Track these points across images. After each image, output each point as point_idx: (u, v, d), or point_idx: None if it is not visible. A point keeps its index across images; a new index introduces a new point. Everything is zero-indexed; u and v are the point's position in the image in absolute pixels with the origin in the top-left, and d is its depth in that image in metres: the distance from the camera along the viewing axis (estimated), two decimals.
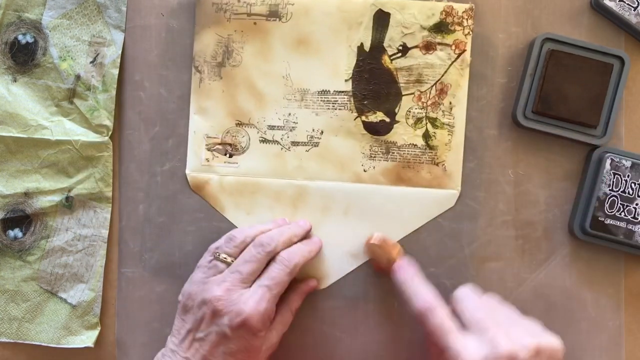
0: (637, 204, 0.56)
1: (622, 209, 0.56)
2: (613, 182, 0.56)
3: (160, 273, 0.60)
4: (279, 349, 0.57)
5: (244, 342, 0.51)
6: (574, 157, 0.58)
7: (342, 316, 0.59)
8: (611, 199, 0.56)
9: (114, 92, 0.59)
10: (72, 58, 0.59)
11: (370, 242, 0.57)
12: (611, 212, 0.56)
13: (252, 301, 0.51)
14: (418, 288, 0.52)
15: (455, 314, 0.51)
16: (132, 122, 0.60)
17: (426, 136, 0.59)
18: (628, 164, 0.56)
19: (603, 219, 0.56)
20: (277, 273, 0.52)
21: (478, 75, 0.59)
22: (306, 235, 0.58)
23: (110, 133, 0.59)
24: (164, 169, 0.60)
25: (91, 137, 0.59)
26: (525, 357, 0.46)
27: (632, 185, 0.56)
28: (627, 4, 0.57)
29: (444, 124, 0.58)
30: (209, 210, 0.60)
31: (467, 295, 0.52)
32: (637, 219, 0.56)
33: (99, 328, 0.60)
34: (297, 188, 0.59)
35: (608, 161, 0.56)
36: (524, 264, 0.58)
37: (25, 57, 0.59)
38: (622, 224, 0.56)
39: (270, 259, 0.53)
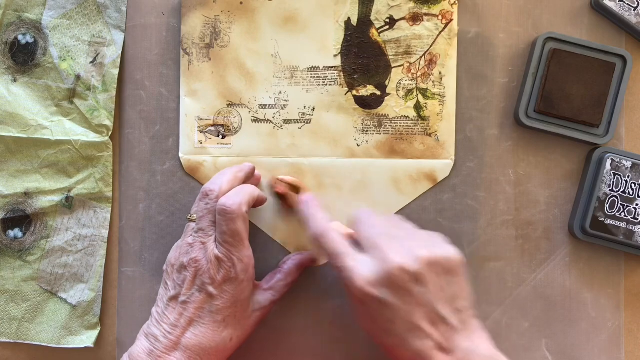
0: (637, 205, 0.56)
1: (622, 209, 0.56)
2: (613, 182, 0.56)
3: (160, 272, 0.60)
4: (280, 349, 0.57)
5: (229, 296, 0.50)
6: (575, 157, 0.58)
7: (342, 316, 0.59)
8: (611, 199, 0.56)
9: (114, 92, 0.59)
10: (72, 58, 0.59)
11: (277, 177, 0.58)
12: (611, 212, 0.56)
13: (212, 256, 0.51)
14: (315, 215, 0.52)
15: (352, 239, 0.50)
16: (133, 121, 0.60)
17: (417, 107, 0.59)
18: (628, 164, 0.56)
19: (603, 219, 0.56)
20: (226, 226, 0.50)
21: (478, 75, 0.59)
22: (252, 172, 0.57)
23: (110, 133, 0.59)
24: (164, 168, 0.60)
25: (91, 137, 0.59)
26: (416, 269, 0.45)
27: (632, 185, 0.56)
28: (627, 4, 0.56)
29: (434, 94, 0.58)
30: None
31: (362, 216, 0.51)
32: (637, 219, 0.56)
33: (99, 328, 0.60)
34: (291, 166, 0.59)
35: (608, 161, 0.56)
36: (524, 264, 0.59)
37: (25, 57, 0.59)
38: (622, 224, 0.56)
39: None
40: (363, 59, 0.59)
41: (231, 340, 0.52)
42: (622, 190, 0.56)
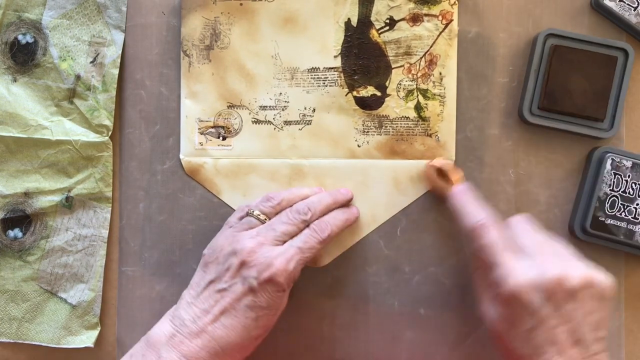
0: (637, 204, 0.56)
1: (622, 209, 0.56)
2: (613, 182, 0.56)
3: (160, 272, 0.60)
4: (280, 349, 0.57)
5: (268, 297, 0.50)
6: (575, 157, 0.58)
7: (342, 316, 0.59)
8: (612, 199, 0.56)
9: (114, 92, 0.59)
10: (72, 58, 0.59)
11: (430, 164, 0.57)
12: (611, 212, 0.56)
13: (283, 258, 0.50)
14: (475, 207, 0.52)
15: (507, 239, 0.50)
16: (133, 121, 0.60)
17: (418, 108, 0.59)
18: (629, 164, 0.56)
19: (603, 219, 0.56)
20: (310, 240, 0.52)
21: (478, 75, 0.58)
22: (346, 204, 0.57)
23: (110, 133, 0.59)
24: (164, 167, 0.60)
25: (91, 137, 0.59)
26: (575, 285, 0.45)
27: (633, 185, 0.56)
28: (627, 4, 0.56)
29: (435, 94, 0.58)
30: (209, 209, 0.60)
31: (522, 222, 0.51)
32: (638, 219, 0.56)
33: (99, 328, 0.60)
34: (292, 167, 0.59)
35: (609, 161, 0.56)
36: None
37: (25, 57, 0.59)
38: (623, 224, 0.56)
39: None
40: (363, 59, 0.59)
41: (256, 339, 0.51)
42: (622, 190, 0.56)
